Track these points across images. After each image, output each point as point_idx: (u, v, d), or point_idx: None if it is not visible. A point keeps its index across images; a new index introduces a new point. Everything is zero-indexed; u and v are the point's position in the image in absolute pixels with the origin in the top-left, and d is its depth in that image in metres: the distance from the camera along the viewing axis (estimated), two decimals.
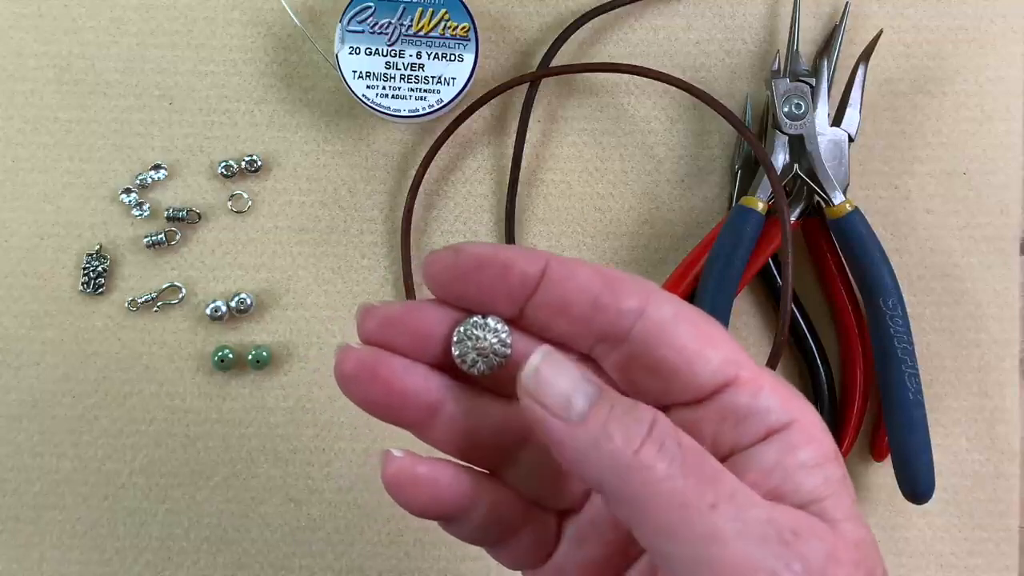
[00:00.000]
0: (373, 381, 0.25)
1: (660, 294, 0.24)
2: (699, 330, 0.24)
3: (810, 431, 0.24)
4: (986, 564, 0.46)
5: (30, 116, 0.47)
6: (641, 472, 0.22)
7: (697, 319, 0.25)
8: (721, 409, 0.24)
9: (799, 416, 0.24)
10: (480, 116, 0.47)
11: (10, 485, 0.45)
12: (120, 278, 0.46)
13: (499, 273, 0.24)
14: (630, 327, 0.24)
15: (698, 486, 0.22)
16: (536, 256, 0.24)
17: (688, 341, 0.24)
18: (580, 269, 0.24)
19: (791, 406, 0.24)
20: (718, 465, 0.23)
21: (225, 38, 0.47)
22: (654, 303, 0.24)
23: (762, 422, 0.24)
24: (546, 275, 0.24)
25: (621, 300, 0.24)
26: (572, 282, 0.24)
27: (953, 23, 0.48)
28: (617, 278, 0.24)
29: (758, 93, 0.47)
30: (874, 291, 0.43)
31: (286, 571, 0.46)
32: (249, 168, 0.46)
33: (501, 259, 0.24)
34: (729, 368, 0.24)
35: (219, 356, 0.45)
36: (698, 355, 0.24)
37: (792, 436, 0.23)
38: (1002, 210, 0.47)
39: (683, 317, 0.24)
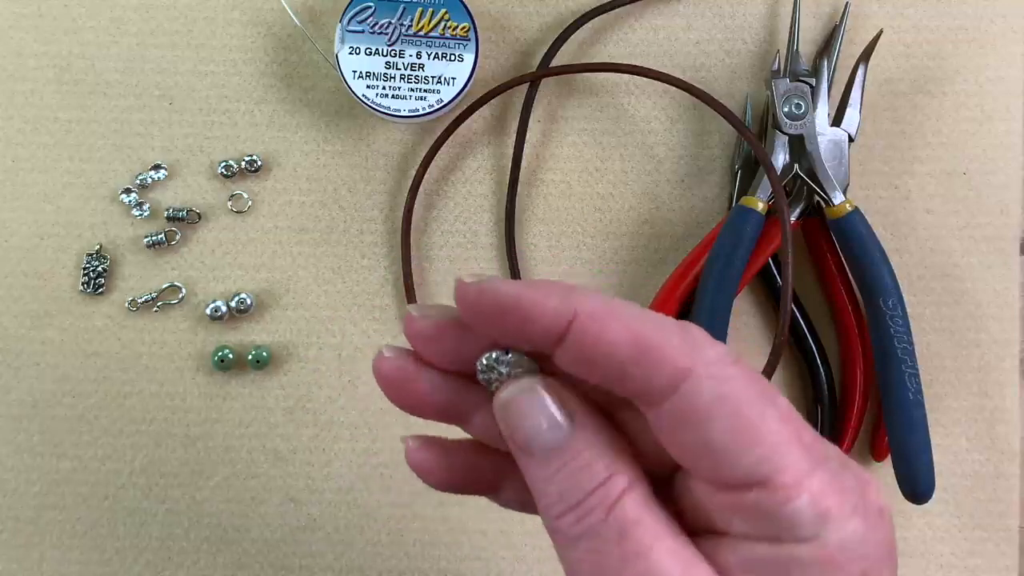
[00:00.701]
0: (406, 391, 0.25)
1: (703, 370, 0.22)
2: (739, 421, 0.21)
3: (845, 550, 0.21)
4: (986, 564, 0.46)
5: (30, 116, 0.47)
6: (557, 535, 0.22)
7: (742, 403, 0.22)
8: (744, 502, 0.22)
9: (838, 532, 0.21)
10: (480, 116, 0.47)
11: (10, 485, 0.45)
12: (120, 278, 0.46)
13: (520, 322, 0.22)
14: (661, 402, 0.22)
15: (597, 567, 0.22)
16: (564, 307, 0.22)
17: (719, 434, 0.21)
18: (610, 325, 0.22)
19: (835, 520, 0.21)
20: (642, 550, 0.21)
21: (225, 38, 0.47)
22: (693, 382, 0.21)
23: (784, 529, 0.21)
24: (573, 328, 0.22)
25: (652, 376, 0.22)
26: (598, 341, 0.22)
27: (953, 23, 0.48)
28: (652, 345, 0.22)
29: (758, 93, 0.47)
30: (874, 291, 0.43)
31: (286, 571, 0.46)
32: (249, 168, 0.46)
33: (524, 307, 0.22)
34: (763, 467, 0.21)
35: (219, 356, 0.45)
36: (729, 453, 0.21)
37: (814, 550, 0.21)
38: (1002, 210, 0.47)
39: (724, 403, 0.21)
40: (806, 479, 0.21)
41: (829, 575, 0.21)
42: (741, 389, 0.22)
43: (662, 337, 0.22)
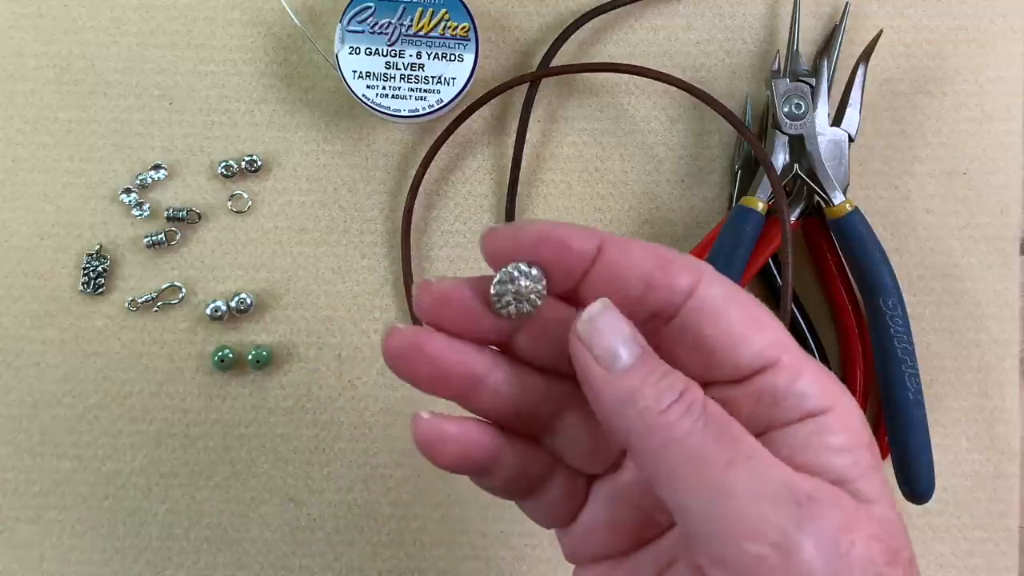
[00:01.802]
0: (418, 357, 0.26)
1: (712, 275, 0.25)
2: (747, 312, 0.25)
3: (846, 419, 0.24)
4: (986, 564, 0.46)
5: (30, 116, 0.47)
6: (664, 430, 0.23)
7: (746, 301, 0.25)
8: (759, 389, 0.24)
9: (837, 404, 0.24)
10: (480, 116, 0.47)
11: (10, 485, 0.45)
12: (120, 278, 0.46)
13: (557, 249, 0.25)
14: (681, 305, 0.25)
15: (717, 445, 0.23)
16: (592, 235, 0.25)
17: (735, 323, 0.25)
18: (634, 248, 0.25)
19: (830, 394, 0.24)
20: (742, 431, 0.23)
21: (225, 38, 0.47)
22: (706, 283, 0.25)
23: (798, 405, 0.24)
24: (601, 253, 0.25)
25: (674, 279, 0.25)
26: (626, 260, 0.25)
27: (953, 23, 0.48)
28: (670, 258, 0.25)
29: (758, 93, 0.47)
30: (874, 291, 0.43)
31: (286, 571, 0.46)
32: (249, 168, 0.46)
33: (560, 235, 0.25)
34: (772, 351, 0.24)
35: (219, 356, 0.45)
36: (743, 337, 0.24)
37: (827, 421, 0.24)
38: (1002, 210, 0.47)
39: (733, 299, 0.25)
40: (804, 363, 0.25)
41: (851, 440, 0.24)
42: (740, 292, 0.25)
43: (674, 254, 0.25)
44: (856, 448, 0.24)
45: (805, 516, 0.22)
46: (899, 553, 0.23)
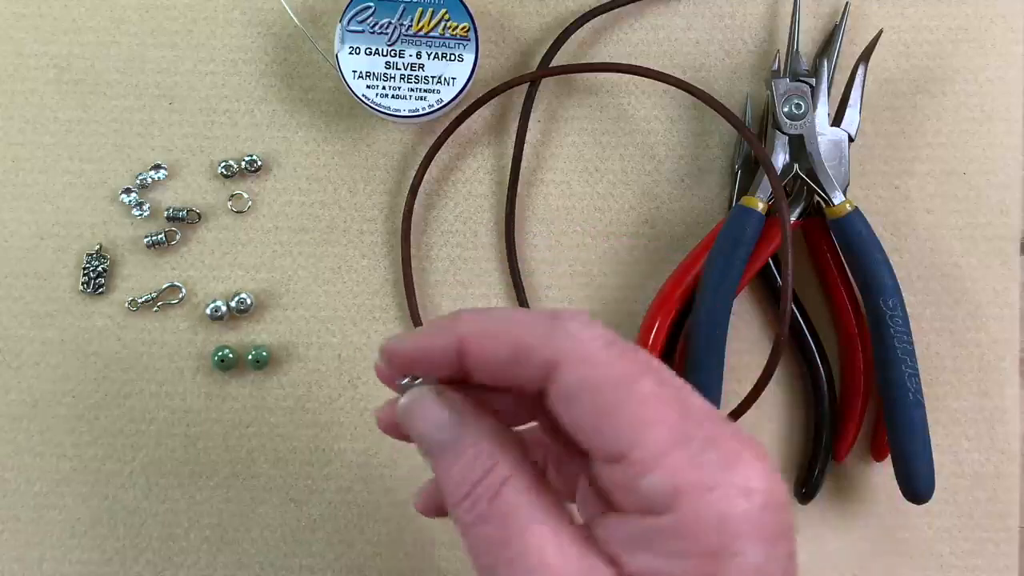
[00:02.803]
0: (397, 431, 0.28)
1: (570, 364, 0.24)
2: (598, 403, 0.24)
3: (689, 524, 0.23)
4: (986, 564, 0.46)
5: (30, 116, 0.47)
6: (456, 524, 0.26)
7: (602, 387, 0.24)
8: (612, 475, 0.24)
9: (686, 507, 0.23)
10: (480, 116, 0.47)
11: (10, 485, 0.45)
12: (120, 278, 0.46)
13: (425, 362, 0.27)
14: (546, 393, 0.25)
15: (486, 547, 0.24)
16: (449, 339, 0.26)
17: (585, 415, 0.24)
18: (488, 341, 0.26)
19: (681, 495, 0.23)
20: (519, 532, 0.24)
21: (225, 38, 0.47)
22: (563, 371, 0.24)
23: (635, 500, 0.24)
24: (462, 352, 0.26)
25: (529, 371, 0.25)
26: (484, 354, 0.26)
27: (953, 23, 0.48)
28: (524, 346, 0.25)
29: (758, 93, 0.47)
30: (874, 291, 0.43)
31: (286, 571, 0.46)
32: (249, 168, 0.46)
33: (421, 353, 0.27)
34: (618, 446, 0.24)
35: (219, 356, 0.45)
36: (592, 429, 0.24)
37: (662, 521, 0.23)
38: (1002, 210, 0.47)
39: (585, 387, 0.24)
40: (663, 456, 0.23)
41: (684, 545, 0.23)
42: (604, 372, 0.24)
43: (531, 336, 0.25)
44: (684, 557, 0.23)
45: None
46: None
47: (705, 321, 0.43)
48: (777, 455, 0.47)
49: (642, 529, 0.24)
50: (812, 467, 0.45)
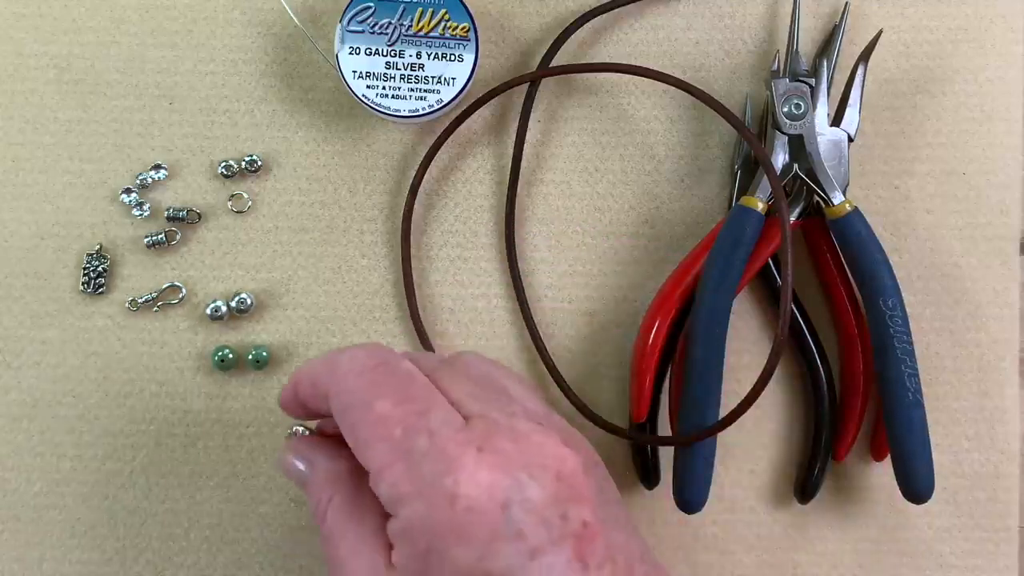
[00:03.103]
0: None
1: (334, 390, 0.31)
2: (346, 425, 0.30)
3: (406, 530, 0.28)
4: (986, 564, 0.46)
5: (30, 116, 0.47)
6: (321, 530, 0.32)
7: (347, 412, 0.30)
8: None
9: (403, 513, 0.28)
10: (480, 116, 0.47)
11: (10, 485, 0.45)
12: (120, 278, 0.46)
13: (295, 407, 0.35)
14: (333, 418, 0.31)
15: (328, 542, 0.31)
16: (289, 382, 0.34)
17: (346, 437, 0.30)
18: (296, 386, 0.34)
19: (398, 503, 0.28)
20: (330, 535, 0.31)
21: (225, 38, 0.47)
22: (330, 400, 0.31)
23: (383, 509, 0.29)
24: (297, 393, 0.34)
25: (320, 404, 0.32)
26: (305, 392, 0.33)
27: (953, 23, 0.48)
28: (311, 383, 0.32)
29: (758, 93, 0.47)
30: (874, 291, 0.43)
31: (286, 571, 0.46)
32: (249, 168, 0.46)
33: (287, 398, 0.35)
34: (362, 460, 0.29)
35: (219, 356, 0.45)
36: (351, 448, 0.30)
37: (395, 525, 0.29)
38: (1002, 210, 0.47)
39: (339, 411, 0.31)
40: (387, 469, 0.28)
41: (405, 545, 0.28)
42: (348, 399, 0.30)
43: (314, 375, 0.32)
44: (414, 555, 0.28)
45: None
46: None
47: (705, 321, 0.43)
48: (777, 455, 0.47)
49: (390, 529, 0.29)
50: (812, 467, 0.45)
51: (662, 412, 0.46)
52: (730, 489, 0.46)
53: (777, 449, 0.47)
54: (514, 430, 0.28)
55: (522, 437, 0.28)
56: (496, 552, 0.26)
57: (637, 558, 0.29)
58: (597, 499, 0.28)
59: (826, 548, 0.46)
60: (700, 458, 0.43)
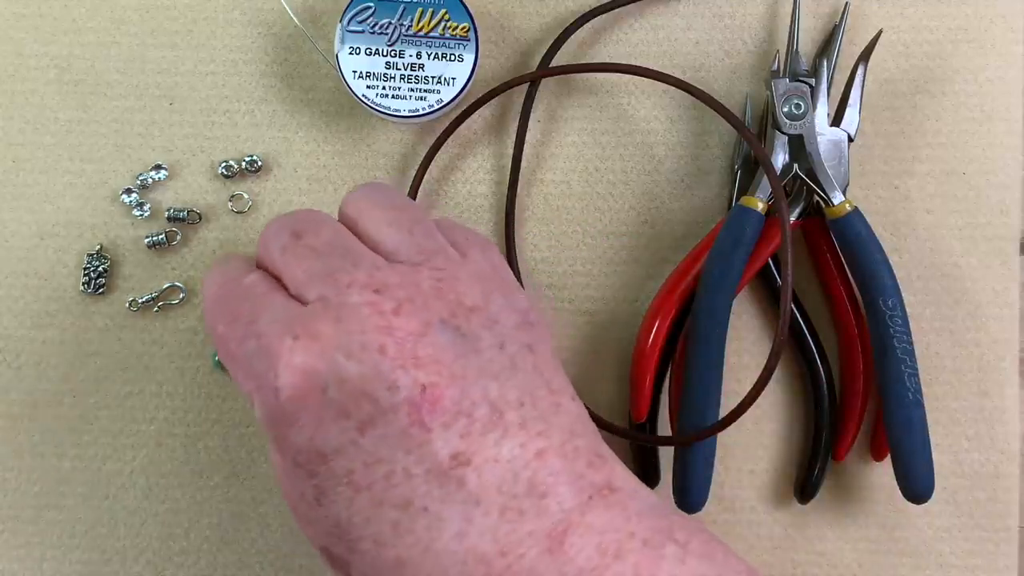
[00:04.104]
0: None
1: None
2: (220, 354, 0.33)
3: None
4: (986, 564, 0.46)
5: (30, 116, 0.47)
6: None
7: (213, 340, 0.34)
8: None
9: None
10: (480, 116, 0.47)
11: (10, 485, 0.45)
12: (121, 278, 0.46)
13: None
14: None
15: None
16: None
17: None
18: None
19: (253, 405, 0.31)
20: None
21: (225, 38, 0.47)
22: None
23: None
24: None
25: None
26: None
27: (953, 23, 0.48)
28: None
29: (758, 93, 0.47)
30: (874, 291, 0.43)
31: (286, 571, 0.46)
32: (249, 168, 0.46)
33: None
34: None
35: (219, 356, 0.45)
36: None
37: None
38: (1002, 210, 0.47)
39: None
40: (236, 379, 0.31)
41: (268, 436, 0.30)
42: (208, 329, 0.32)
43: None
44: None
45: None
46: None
47: (705, 321, 0.43)
48: (777, 455, 0.47)
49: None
50: (812, 467, 0.45)
51: (662, 412, 0.46)
52: (730, 489, 0.46)
53: (777, 449, 0.47)
54: (341, 307, 0.28)
55: (348, 315, 0.28)
56: (325, 432, 0.27)
57: (514, 404, 0.28)
58: (448, 356, 0.28)
59: (826, 548, 0.46)
60: (700, 458, 0.43)
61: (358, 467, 0.28)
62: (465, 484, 0.27)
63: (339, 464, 0.28)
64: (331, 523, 0.29)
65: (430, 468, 0.27)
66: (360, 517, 0.28)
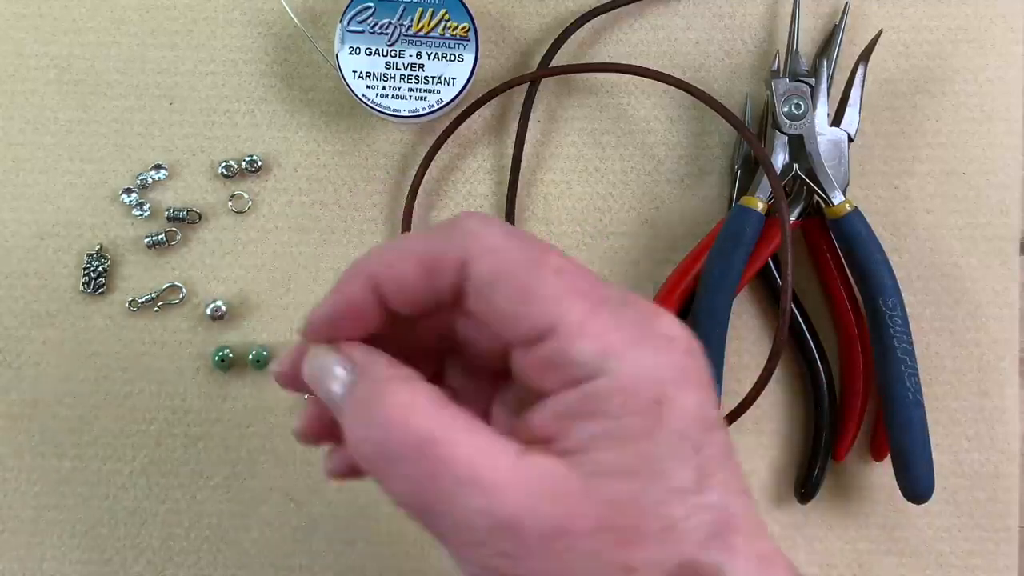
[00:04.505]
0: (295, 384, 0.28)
1: (477, 254, 0.25)
2: (514, 286, 0.24)
3: (623, 382, 0.23)
4: (986, 564, 0.46)
5: (30, 116, 0.47)
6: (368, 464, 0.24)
7: (514, 272, 0.24)
8: (538, 356, 0.24)
9: (617, 368, 0.23)
10: (480, 116, 0.47)
11: (10, 485, 0.45)
12: (121, 278, 0.46)
13: (347, 320, 0.27)
14: (464, 296, 0.25)
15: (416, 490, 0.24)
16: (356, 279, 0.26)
17: (503, 300, 0.24)
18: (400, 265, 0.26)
19: (613, 356, 0.23)
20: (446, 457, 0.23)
21: (225, 38, 0.47)
22: (474, 267, 0.25)
23: (569, 372, 0.24)
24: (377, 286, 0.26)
25: (442, 279, 0.25)
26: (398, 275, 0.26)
27: (953, 23, 0.48)
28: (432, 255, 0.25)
29: (758, 93, 0.47)
30: (874, 291, 0.43)
31: (286, 571, 0.46)
32: (249, 168, 0.46)
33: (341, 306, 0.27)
34: (544, 320, 0.24)
35: (219, 356, 0.45)
36: (513, 313, 0.24)
37: (595, 386, 0.23)
38: (1002, 210, 0.47)
39: (498, 275, 0.24)
40: (586, 322, 0.24)
41: (625, 402, 0.23)
42: (513, 257, 0.25)
43: (436, 245, 0.25)
44: (624, 415, 0.23)
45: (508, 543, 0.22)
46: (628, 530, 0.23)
47: (705, 321, 0.43)
48: (777, 455, 0.47)
49: (578, 399, 0.23)
50: (812, 467, 0.45)
51: None
52: None
53: (777, 449, 0.47)
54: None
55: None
56: (709, 397, 0.24)
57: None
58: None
59: (826, 548, 0.46)
60: None
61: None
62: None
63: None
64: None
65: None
66: None
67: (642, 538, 0.23)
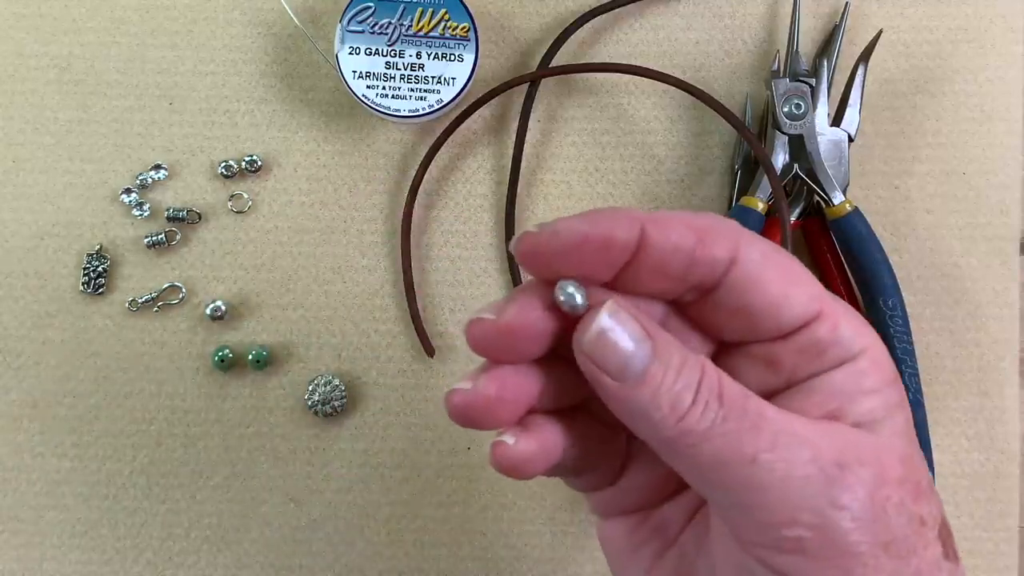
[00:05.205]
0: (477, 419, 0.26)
1: (749, 239, 0.25)
2: (785, 272, 0.25)
3: (876, 359, 0.25)
4: (986, 564, 0.46)
5: (30, 116, 0.47)
6: (684, 437, 0.23)
7: (782, 260, 0.26)
8: (802, 342, 0.25)
9: (868, 345, 0.25)
10: (480, 116, 0.47)
11: (10, 485, 0.45)
12: (120, 278, 0.46)
13: (599, 248, 0.24)
14: (723, 276, 0.25)
15: (739, 442, 0.23)
16: (632, 222, 0.24)
17: (774, 285, 0.25)
18: (673, 228, 0.24)
19: (862, 336, 0.25)
20: (760, 412, 0.24)
21: (225, 38, 0.47)
22: (744, 251, 0.25)
23: (837, 353, 0.25)
24: (643, 241, 0.24)
25: (713, 253, 0.25)
26: (667, 242, 0.24)
27: (953, 23, 0.48)
28: (709, 228, 0.25)
29: (758, 93, 0.47)
30: (874, 291, 0.43)
31: (286, 571, 0.46)
32: (249, 168, 0.46)
33: (601, 234, 0.24)
34: (812, 305, 0.25)
35: (219, 356, 0.45)
36: (784, 297, 0.25)
37: (861, 364, 0.25)
38: (1002, 210, 0.47)
39: (770, 260, 0.25)
40: (838, 309, 0.26)
41: (883, 377, 0.25)
42: (775, 251, 0.26)
43: (710, 221, 0.25)
44: (884, 387, 0.25)
45: (837, 490, 0.23)
46: (920, 484, 0.24)
47: None
48: None
49: (849, 378, 0.25)
50: None
51: None
52: None
53: None
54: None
55: None
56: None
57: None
58: None
59: None
60: None
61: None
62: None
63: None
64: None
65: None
66: None
67: (924, 493, 0.24)
